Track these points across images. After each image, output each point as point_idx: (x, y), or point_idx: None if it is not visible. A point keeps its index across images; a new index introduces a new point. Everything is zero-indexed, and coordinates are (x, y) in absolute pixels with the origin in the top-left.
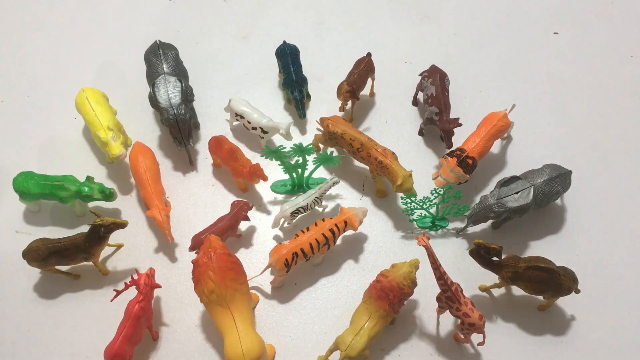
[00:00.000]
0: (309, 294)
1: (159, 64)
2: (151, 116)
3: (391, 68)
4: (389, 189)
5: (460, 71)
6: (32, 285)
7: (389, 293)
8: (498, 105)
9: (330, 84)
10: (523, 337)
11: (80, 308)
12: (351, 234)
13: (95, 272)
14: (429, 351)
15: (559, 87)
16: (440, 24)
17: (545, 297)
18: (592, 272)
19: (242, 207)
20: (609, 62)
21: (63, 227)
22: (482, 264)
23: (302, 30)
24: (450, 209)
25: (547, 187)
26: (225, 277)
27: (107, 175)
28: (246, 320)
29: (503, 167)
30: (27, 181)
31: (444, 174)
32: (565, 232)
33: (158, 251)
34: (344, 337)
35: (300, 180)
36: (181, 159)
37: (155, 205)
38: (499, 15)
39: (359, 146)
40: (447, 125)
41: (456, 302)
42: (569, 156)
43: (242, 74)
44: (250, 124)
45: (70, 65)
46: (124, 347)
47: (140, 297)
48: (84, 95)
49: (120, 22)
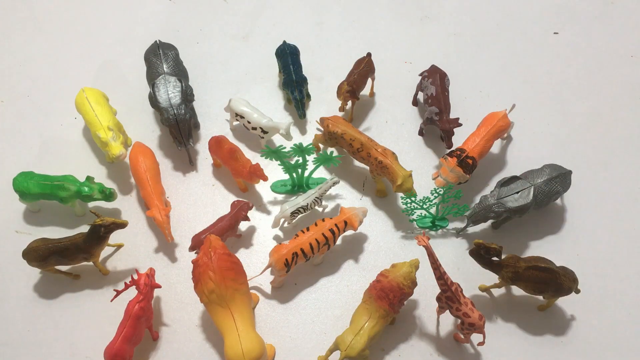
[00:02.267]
0: (309, 294)
1: (159, 64)
2: (151, 116)
3: (391, 68)
4: (389, 189)
5: (460, 71)
6: (32, 285)
7: (389, 293)
8: (498, 105)
9: (330, 84)
10: (523, 337)
11: (80, 308)
12: (351, 234)
13: (95, 272)
14: (429, 351)
15: (559, 87)
16: (440, 24)
17: (545, 297)
18: (592, 272)
19: (242, 207)
20: (609, 62)
21: (63, 227)
22: (482, 264)
23: (302, 30)
24: (450, 209)
25: (547, 187)
26: (225, 277)
27: (107, 175)
28: (246, 320)
29: (503, 167)
30: (27, 181)
31: (444, 174)
32: (565, 232)
33: (158, 251)
34: (344, 337)
35: (300, 180)
36: (181, 159)
37: (155, 205)
38: (499, 15)
39: (359, 146)
40: (447, 125)
41: (456, 302)
42: (569, 156)
43: (242, 74)
44: (250, 124)
45: (70, 65)
46: (124, 347)
47: (140, 297)
48: (84, 95)
49: (120, 22)
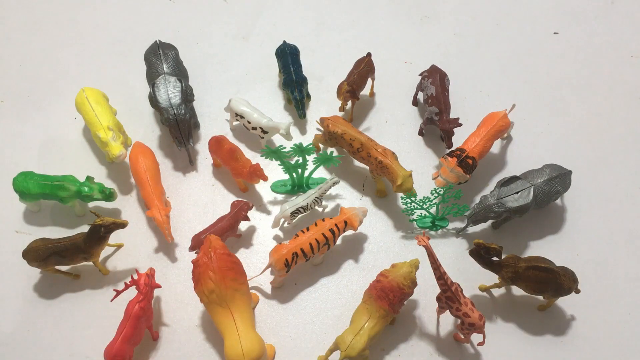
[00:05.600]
0: (309, 294)
1: (159, 64)
2: (151, 116)
3: (391, 68)
4: (389, 189)
5: (460, 71)
6: (32, 285)
7: (389, 293)
8: (498, 105)
9: (330, 84)
10: (523, 337)
11: (80, 308)
12: (351, 234)
13: (95, 272)
14: (429, 351)
15: (559, 87)
16: (440, 24)
17: (545, 297)
18: (592, 272)
19: (242, 207)
20: (609, 62)
21: (63, 227)
22: (482, 264)
23: (302, 30)
24: (450, 209)
25: (547, 187)
26: (225, 277)
27: (107, 175)
28: (246, 320)
29: (503, 167)
30: (27, 181)
31: (444, 174)
32: (565, 232)
33: (158, 251)
34: (344, 337)
35: (300, 180)
36: (181, 159)
37: (155, 205)
38: (499, 15)
39: (359, 146)
40: (447, 125)
41: (456, 302)
42: (569, 156)
43: (242, 74)
44: (250, 124)
45: (70, 65)
46: (124, 347)
47: (140, 297)
48: (84, 95)
49: (120, 22)
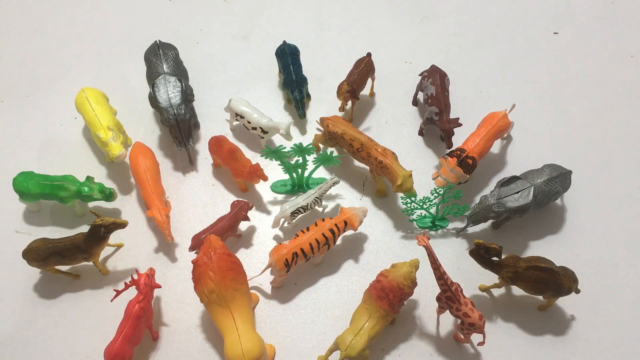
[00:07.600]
0: (309, 294)
1: (159, 64)
2: (151, 116)
3: (391, 68)
4: (389, 189)
5: (460, 71)
6: (32, 285)
7: (389, 293)
8: (498, 105)
9: (330, 84)
10: (523, 337)
11: (80, 308)
12: (351, 234)
13: (95, 272)
14: (429, 351)
15: (559, 87)
16: (440, 24)
17: (545, 297)
18: (592, 272)
19: (242, 207)
20: (609, 62)
21: (63, 227)
22: (482, 264)
23: (302, 30)
24: (450, 209)
25: (547, 187)
26: (225, 277)
27: (107, 175)
28: (246, 320)
29: (503, 167)
30: (27, 181)
31: (444, 174)
32: (565, 232)
33: (158, 251)
34: (344, 337)
35: (300, 180)
36: (181, 159)
37: (155, 205)
38: (499, 15)
39: (359, 146)
40: (447, 125)
41: (456, 302)
42: (569, 156)
43: (242, 74)
44: (250, 124)
45: (70, 65)
46: (124, 347)
47: (140, 297)
48: (84, 95)
49: (120, 22)
